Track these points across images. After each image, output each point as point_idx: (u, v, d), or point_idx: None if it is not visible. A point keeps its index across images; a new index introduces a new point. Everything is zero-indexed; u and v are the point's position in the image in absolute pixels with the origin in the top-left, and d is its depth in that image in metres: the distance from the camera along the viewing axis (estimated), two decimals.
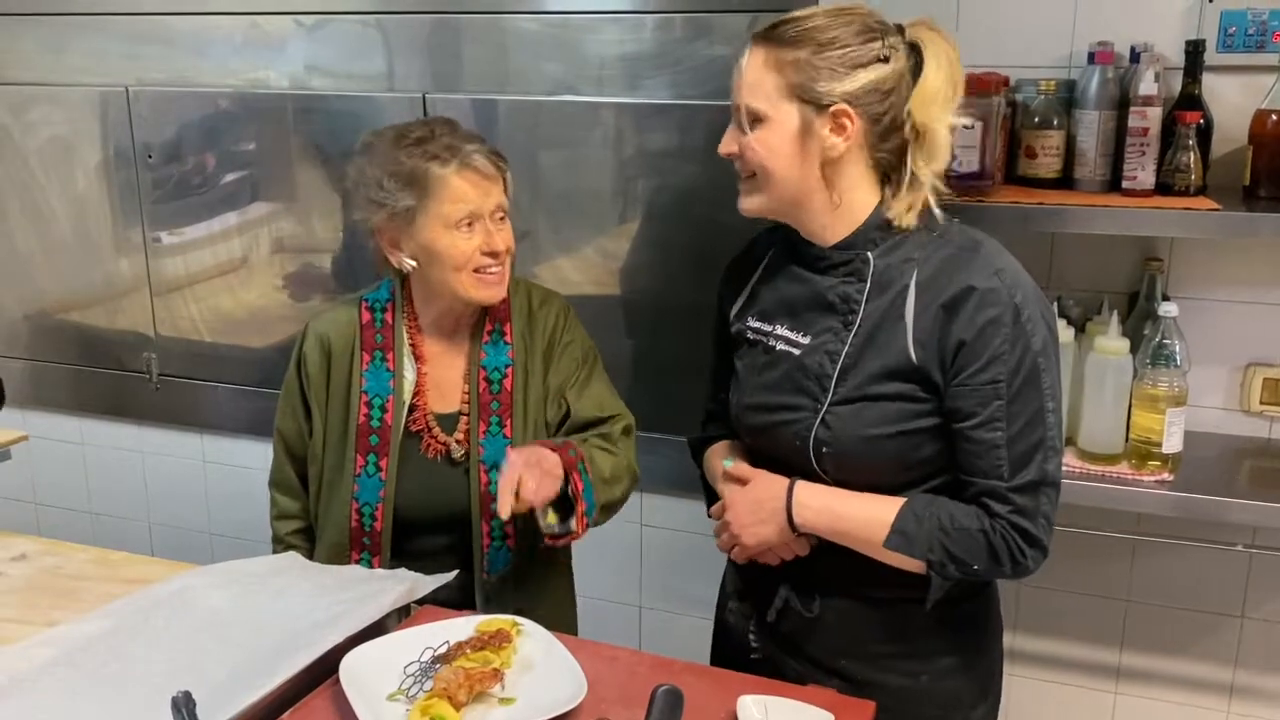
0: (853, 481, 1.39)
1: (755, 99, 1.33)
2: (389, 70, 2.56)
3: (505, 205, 1.71)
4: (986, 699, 1.50)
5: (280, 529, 1.86)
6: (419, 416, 1.75)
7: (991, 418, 1.31)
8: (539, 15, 2.42)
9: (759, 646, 1.49)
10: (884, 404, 1.35)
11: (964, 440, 1.34)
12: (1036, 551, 1.34)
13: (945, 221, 1.40)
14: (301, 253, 2.75)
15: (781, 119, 1.32)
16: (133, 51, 2.77)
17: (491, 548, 1.73)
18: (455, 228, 1.65)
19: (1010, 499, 1.33)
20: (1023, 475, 1.32)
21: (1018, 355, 1.31)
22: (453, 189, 1.64)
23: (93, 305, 2.98)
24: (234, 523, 2.99)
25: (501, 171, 1.70)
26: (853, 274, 1.39)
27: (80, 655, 1.41)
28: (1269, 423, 2.08)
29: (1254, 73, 1.92)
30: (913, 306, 1.34)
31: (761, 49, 1.32)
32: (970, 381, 1.32)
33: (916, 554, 1.34)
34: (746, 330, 1.50)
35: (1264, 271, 2.01)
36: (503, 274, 1.71)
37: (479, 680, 1.28)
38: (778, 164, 1.34)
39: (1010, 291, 1.32)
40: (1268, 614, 2.15)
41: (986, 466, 1.33)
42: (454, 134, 1.68)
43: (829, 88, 1.30)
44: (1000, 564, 1.34)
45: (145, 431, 3.02)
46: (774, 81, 1.31)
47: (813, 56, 1.30)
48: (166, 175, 2.82)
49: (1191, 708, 2.24)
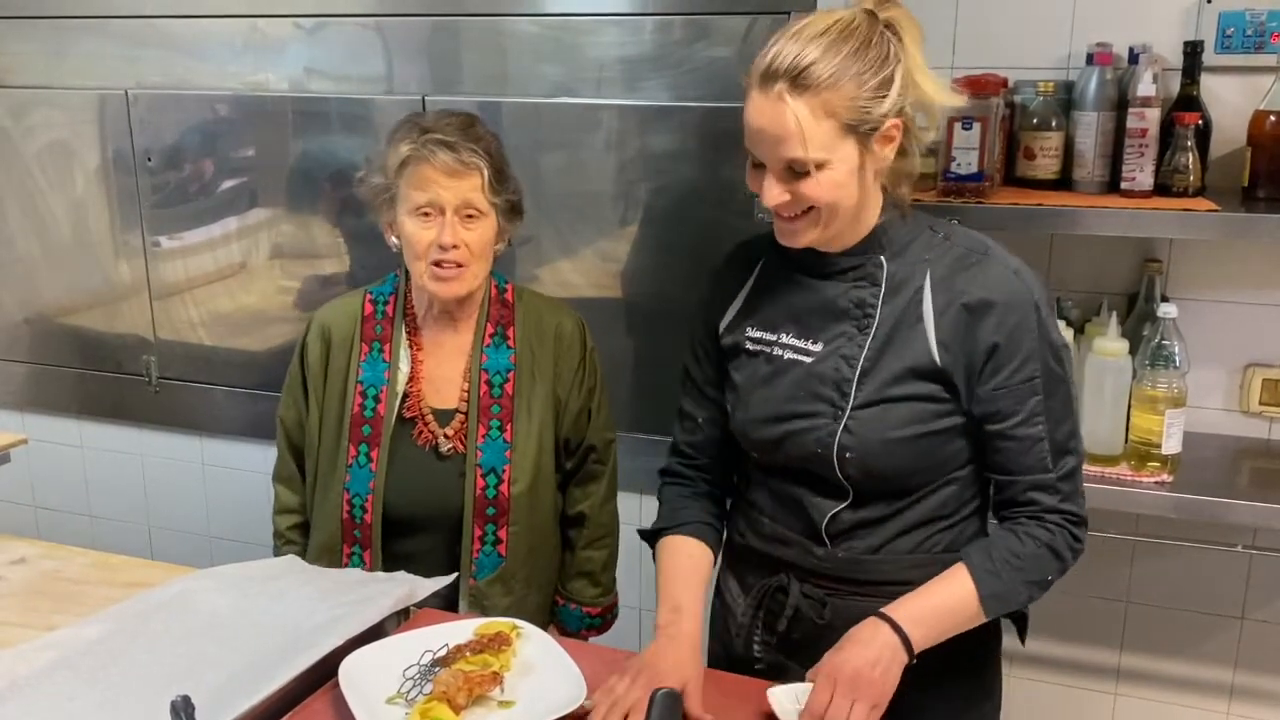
0: (872, 484, 1.39)
1: (815, 150, 1.27)
2: (389, 73, 2.56)
3: (479, 205, 1.68)
4: (990, 699, 1.50)
5: (280, 523, 1.87)
6: (413, 404, 1.75)
7: (1032, 413, 1.34)
8: (538, 17, 2.42)
9: (763, 656, 1.48)
10: (906, 406, 1.36)
11: (1004, 440, 1.36)
12: (1082, 529, 1.39)
13: (946, 223, 1.41)
14: (301, 256, 2.75)
15: (843, 157, 1.29)
16: (132, 54, 2.77)
17: (482, 553, 1.73)
18: (416, 215, 1.68)
19: (1058, 488, 1.36)
20: (1064, 463, 1.36)
21: (1045, 350, 1.34)
22: (417, 176, 1.67)
23: (92, 308, 2.98)
24: (233, 526, 2.99)
25: (472, 170, 1.67)
26: (865, 278, 1.39)
27: (79, 659, 1.41)
28: (1268, 423, 2.08)
29: (1252, 73, 1.92)
30: (931, 308, 1.35)
31: (802, 100, 1.26)
32: (1007, 383, 1.33)
33: (1017, 606, 1.38)
34: (745, 341, 1.47)
35: (1263, 272, 2.01)
36: (461, 272, 1.69)
37: (478, 683, 1.28)
38: (844, 198, 1.32)
39: (1030, 290, 1.34)
40: (1268, 615, 2.15)
41: (1031, 462, 1.36)
42: (452, 128, 1.68)
43: (880, 111, 1.29)
44: (1065, 563, 1.38)
45: (144, 434, 3.02)
46: (829, 127, 1.27)
47: (858, 90, 1.27)
48: (166, 179, 2.82)
49: (1192, 709, 2.24)
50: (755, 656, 1.49)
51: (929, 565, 1.39)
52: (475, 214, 1.69)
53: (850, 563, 1.41)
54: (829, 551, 1.42)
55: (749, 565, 1.52)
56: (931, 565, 1.39)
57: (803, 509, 1.43)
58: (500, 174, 1.72)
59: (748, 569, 1.52)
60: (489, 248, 1.73)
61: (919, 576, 1.38)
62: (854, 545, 1.41)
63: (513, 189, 1.76)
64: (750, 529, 1.51)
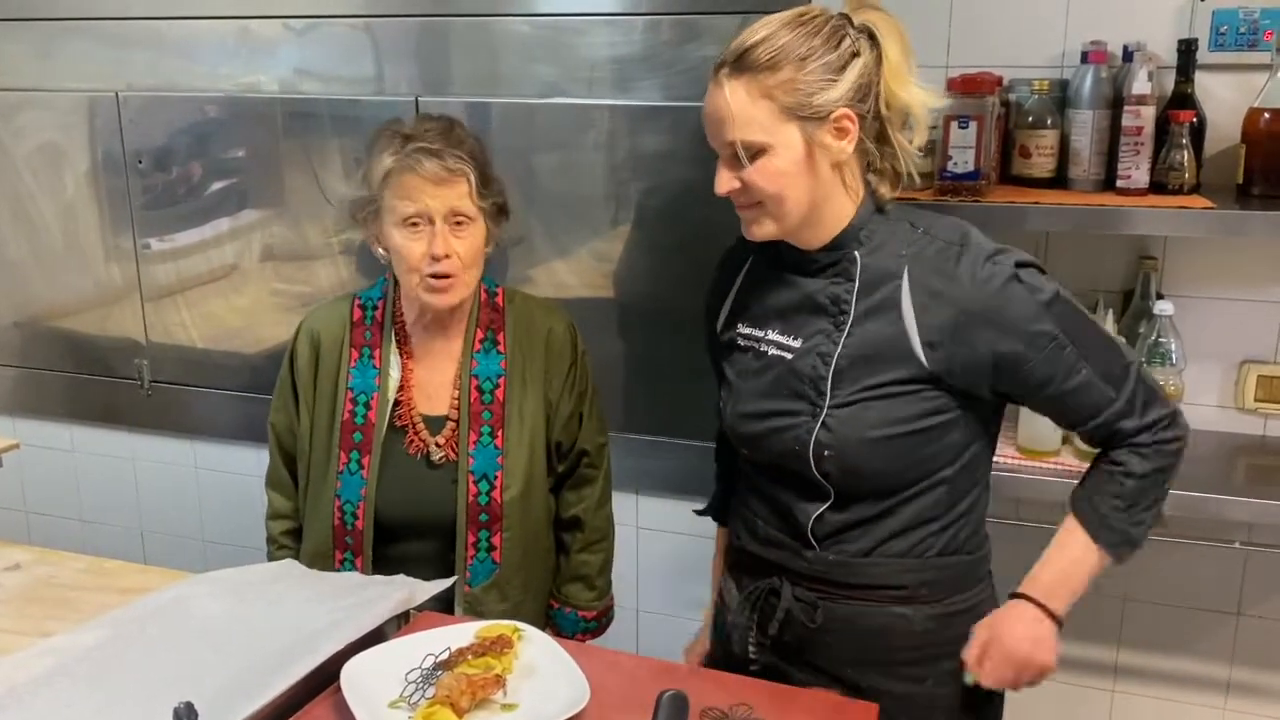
0: (852, 483, 1.38)
1: (751, 133, 1.29)
2: (379, 74, 2.55)
3: (467, 210, 1.66)
4: (991, 700, 1.50)
5: (273, 529, 1.86)
6: (404, 412, 1.74)
7: (1069, 367, 1.34)
8: (529, 18, 2.41)
9: (758, 657, 1.48)
10: (885, 404, 1.35)
11: (1060, 400, 1.37)
12: (1172, 428, 1.40)
13: (926, 214, 1.41)
14: (293, 258, 2.73)
15: (785, 143, 1.30)
16: (122, 56, 2.75)
17: (476, 559, 1.73)
18: (404, 226, 1.65)
19: (1131, 408, 1.37)
20: (1125, 386, 1.36)
21: (1048, 311, 1.33)
22: (401, 186, 1.64)
23: (83, 312, 2.96)
24: (227, 530, 2.97)
25: (458, 176, 1.64)
26: (840, 274, 1.39)
27: (77, 665, 1.40)
28: (1263, 420, 2.08)
29: (1246, 71, 1.92)
30: (910, 305, 1.34)
31: (739, 81, 1.29)
32: (1035, 357, 1.33)
33: (1142, 539, 1.42)
34: (737, 338, 1.49)
35: (1258, 269, 2.02)
36: (454, 282, 1.67)
37: (481, 686, 1.27)
38: (789, 187, 1.32)
39: (1005, 271, 1.33)
40: (1263, 611, 2.16)
41: (1097, 399, 1.36)
42: (434, 134, 1.66)
43: (824, 99, 1.29)
44: (1168, 472, 1.41)
45: (137, 438, 3.00)
46: (766, 109, 1.28)
47: (797, 74, 1.28)
48: (156, 181, 2.80)
49: (1188, 705, 2.24)
50: (750, 657, 1.49)
51: (923, 570, 1.39)
52: (464, 220, 1.67)
53: (841, 566, 1.41)
54: (818, 555, 1.42)
55: (744, 567, 1.53)
56: (925, 570, 1.39)
57: (790, 512, 1.43)
58: (485, 177, 1.70)
59: (743, 571, 1.53)
60: (479, 254, 1.72)
61: (912, 580, 1.39)
62: (844, 548, 1.41)
63: (497, 190, 1.74)
64: (746, 531, 1.51)
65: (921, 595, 1.40)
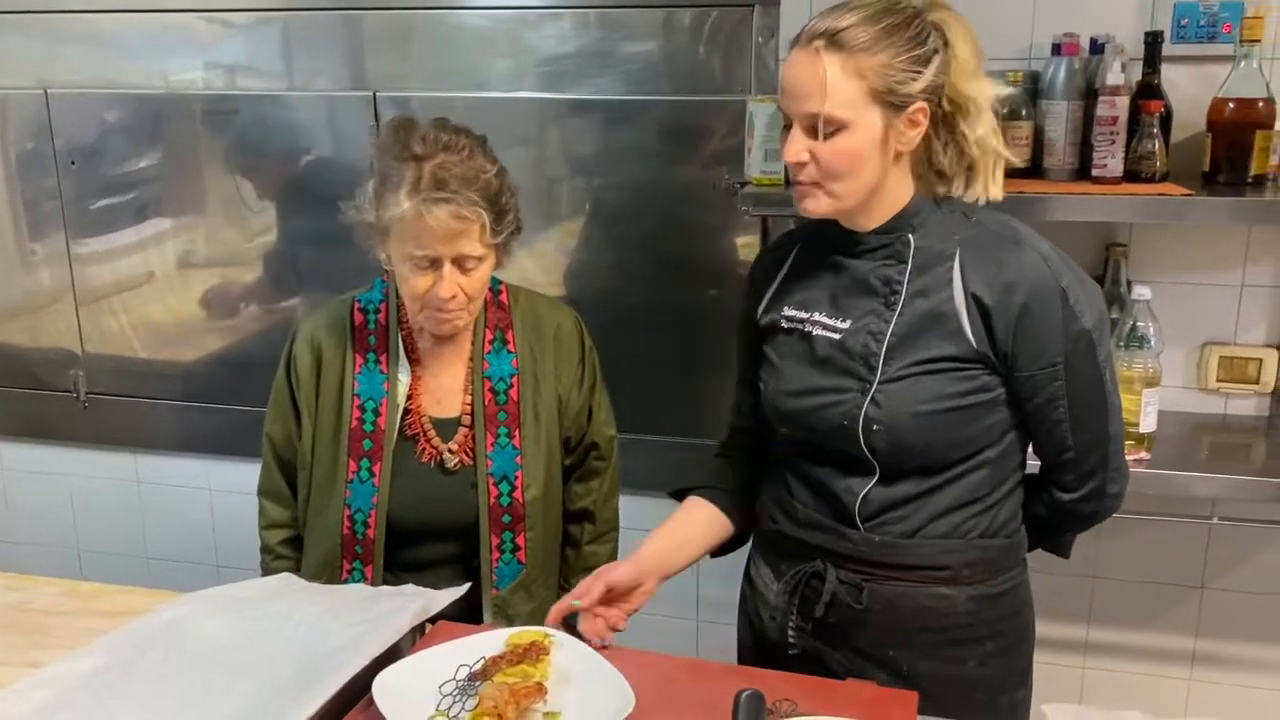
0: (900, 458, 1.40)
1: (838, 107, 1.31)
2: (336, 68, 2.48)
3: (476, 254, 1.57)
4: (1025, 682, 1.53)
5: (269, 538, 1.78)
6: (414, 420, 1.69)
7: (1050, 394, 1.38)
8: (489, 10, 2.38)
9: (797, 642, 1.48)
10: (934, 379, 1.37)
11: (1028, 418, 1.42)
12: (1115, 497, 1.50)
13: (978, 207, 1.43)
14: (234, 260, 2.64)
15: (865, 124, 1.32)
16: (51, 52, 2.62)
17: (502, 561, 1.68)
18: (409, 260, 1.57)
19: (1071, 470, 1.44)
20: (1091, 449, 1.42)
21: (1066, 339, 1.36)
22: (410, 227, 1.53)
23: (11, 320, 2.81)
24: (172, 546, 2.85)
25: (470, 222, 1.54)
26: (892, 256, 1.41)
27: (75, 695, 1.31)
28: (1225, 399, 2.16)
29: (1207, 62, 1.99)
30: (961, 286, 1.37)
31: (835, 56, 1.31)
32: (1028, 369, 1.37)
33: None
34: (780, 320, 1.50)
35: (1219, 253, 2.09)
36: (457, 315, 1.61)
37: (525, 695, 1.24)
38: (858, 167, 1.34)
39: (1057, 278, 1.36)
40: (1226, 584, 2.24)
41: (1058, 442, 1.42)
42: (453, 165, 1.54)
43: (909, 89, 1.32)
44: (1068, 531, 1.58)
45: (72, 453, 2.86)
46: (856, 88, 1.30)
47: (892, 60, 1.31)
48: (89, 180, 2.67)
49: (1156, 677, 2.32)
50: (790, 643, 1.49)
51: (966, 550, 1.41)
52: (474, 261, 1.58)
53: (885, 547, 1.42)
54: (863, 536, 1.43)
55: (782, 552, 1.52)
56: (969, 550, 1.41)
57: (833, 493, 1.44)
58: (500, 214, 1.59)
59: (780, 556, 1.52)
60: (486, 283, 1.65)
61: (955, 561, 1.41)
62: (889, 529, 1.42)
63: (511, 219, 1.62)
64: (784, 515, 1.51)
65: (964, 576, 1.42)
